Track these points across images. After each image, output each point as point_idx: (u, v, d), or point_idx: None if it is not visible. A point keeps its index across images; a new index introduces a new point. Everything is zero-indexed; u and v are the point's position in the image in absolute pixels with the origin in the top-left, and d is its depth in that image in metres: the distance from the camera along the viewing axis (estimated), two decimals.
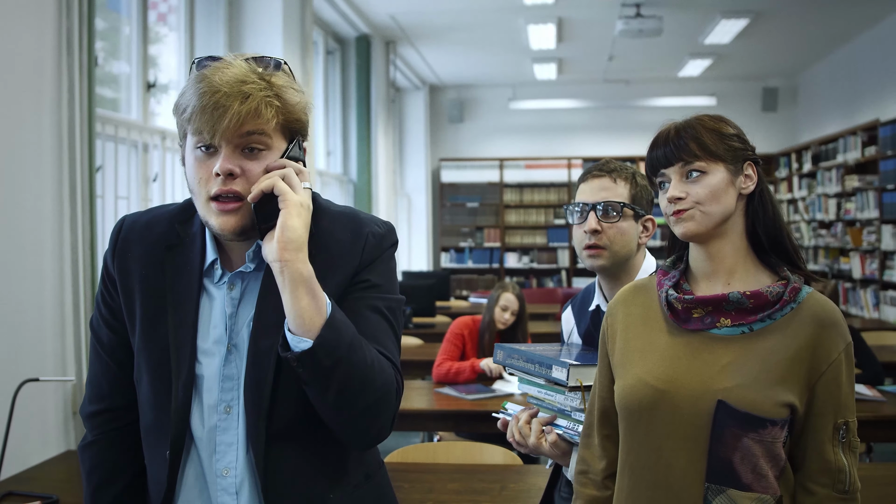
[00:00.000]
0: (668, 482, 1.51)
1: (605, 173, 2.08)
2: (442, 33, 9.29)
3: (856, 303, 8.85)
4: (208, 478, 1.49)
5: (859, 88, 9.52)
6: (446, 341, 4.50)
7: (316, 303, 1.36)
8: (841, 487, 1.50)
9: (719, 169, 1.54)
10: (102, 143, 4.25)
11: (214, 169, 1.39)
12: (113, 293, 1.55)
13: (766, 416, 1.46)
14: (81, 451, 1.60)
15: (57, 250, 3.55)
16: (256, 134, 1.40)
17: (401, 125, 11.80)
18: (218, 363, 1.48)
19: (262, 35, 6.09)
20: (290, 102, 1.44)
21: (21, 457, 2.92)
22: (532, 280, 12.16)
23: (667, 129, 1.59)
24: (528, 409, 2.00)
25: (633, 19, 7.73)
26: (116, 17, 4.92)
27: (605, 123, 12.28)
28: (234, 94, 1.37)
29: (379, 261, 1.53)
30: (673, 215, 1.55)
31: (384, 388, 1.43)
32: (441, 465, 2.94)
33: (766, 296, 1.51)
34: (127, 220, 1.59)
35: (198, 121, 1.38)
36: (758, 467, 1.48)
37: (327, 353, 1.34)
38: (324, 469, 1.51)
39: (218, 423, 1.48)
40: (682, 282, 1.61)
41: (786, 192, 10.99)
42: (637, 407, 1.55)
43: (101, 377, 1.58)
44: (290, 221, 1.36)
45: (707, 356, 1.52)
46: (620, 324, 1.66)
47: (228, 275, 1.51)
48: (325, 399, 1.39)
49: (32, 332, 3.41)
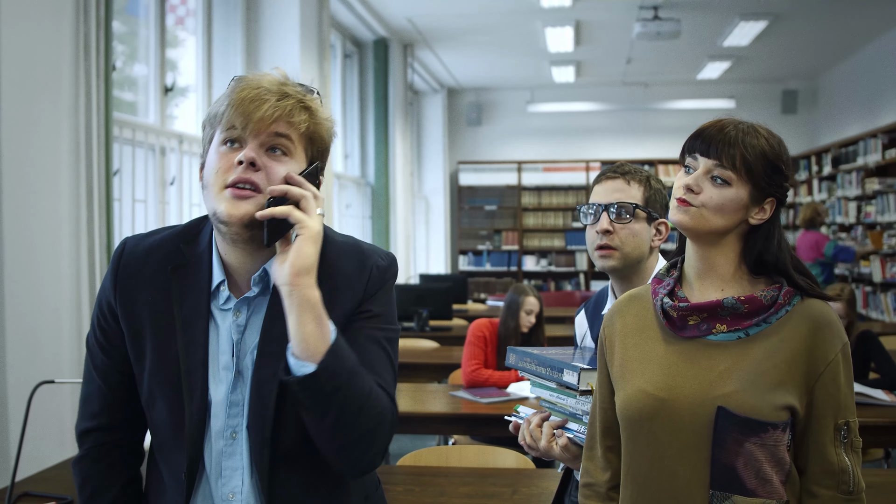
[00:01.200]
0: (673, 491, 1.51)
1: (619, 175, 2.08)
2: (459, 36, 9.30)
3: (876, 307, 8.77)
4: (216, 501, 1.51)
5: (880, 90, 9.44)
6: (471, 345, 4.44)
7: (321, 329, 1.38)
8: (845, 488, 1.49)
9: (743, 189, 1.51)
10: (120, 146, 4.28)
11: (238, 157, 1.41)
12: (110, 319, 1.55)
13: (766, 419, 1.46)
14: (73, 467, 1.62)
15: (74, 253, 3.58)
16: (284, 138, 1.44)
17: (419, 128, 11.81)
18: (225, 389, 1.50)
19: (280, 38, 6.11)
20: (321, 116, 1.48)
21: (37, 458, 2.94)
22: (550, 283, 12.13)
23: (727, 125, 1.54)
24: (540, 412, 2.00)
25: (650, 22, 7.71)
26: (134, 21, 4.96)
27: (624, 126, 12.24)
28: (274, 91, 1.42)
29: (381, 292, 1.55)
30: (677, 200, 1.54)
31: (379, 418, 1.44)
32: (453, 468, 2.94)
33: (761, 300, 1.51)
34: (128, 244, 1.59)
35: (231, 115, 1.42)
36: (761, 472, 1.47)
37: (329, 379, 1.36)
38: (325, 492, 1.54)
39: (224, 448, 1.50)
40: (678, 288, 1.61)
41: (805, 195, 10.92)
42: (638, 417, 1.55)
43: (94, 397, 1.59)
44: (306, 248, 1.38)
45: (705, 363, 1.52)
46: (618, 334, 1.65)
47: (234, 300, 1.51)
48: (322, 425, 1.40)
49: (49, 334, 3.44)
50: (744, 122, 1.56)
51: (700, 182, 1.52)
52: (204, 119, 1.49)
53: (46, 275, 3.42)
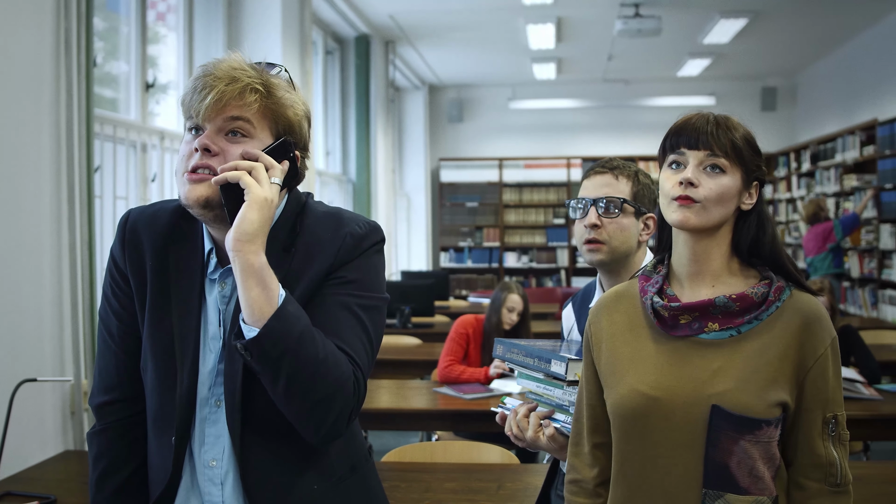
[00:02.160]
0: (665, 489, 1.51)
1: (607, 170, 2.11)
2: (441, 33, 9.30)
3: (854, 302, 8.86)
4: (198, 468, 1.55)
5: (858, 88, 9.53)
6: (451, 341, 4.46)
7: (266, 293, 1.39)
8: (833, 481, 1.50)
9: (736, 175, 1.52)
10: (101, 143, 4.25)
11: (194, 144, 1.46)
12: (122, 284, 1.60)
13: (760, 417, 1.46)
14: (90, 438, 1.64)
15: (55, 250, 3.55)
16: (240, 120, 1.47)
17: (400, 125, 11.80)
18: (214, 358, 1.54)
19: (262, 35, 6.09)
20: (277, 96, 1.50)
21: (19, 457, 2.93)
22: (531, 279, 12.17)
23: (704, 115, 1.55)
24: (527, 403, 2.01)
25: (631, 19, 7.74)
26: (115, 17, 4.93)
27: (605, 123, 12.29)
28: (224, 77, 1.45)
29: (358, 259, 1.54)
30: (677, 199, 1.51)
31: (337, 384, 1.43)
32: (438, 464, 2.95)
33: (752, 297, 1.51)
34: (133, 212, 1.64)
35: (188, 103, 1.47)
36: (755, 470, 1.47)
37: (273, 344, 1.37)
38: (305, 460, 1.54)
39: (208, 415, 1.53)
40: (666, 286, 1.60)
41: (784, 192, 11.00)
42: (631, 416, 1.54)
43: (111, 367, 1.62)
44: (249, 214, 1.40)
45: (697, 361, 1.52)
46: (605, 332, 1.64)
47: (220, 270, 1.55)
48: (276, 389, 1.42)
49: (31, 332, 3.41)
50: (713, 113, 1.56)
51: (697, 175, 1.50)
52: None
53: (28, 272, 3.40)
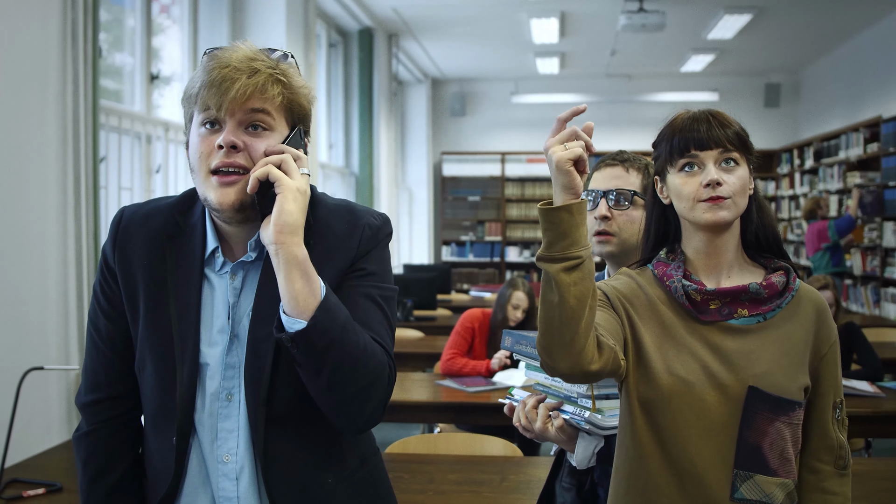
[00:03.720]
0: (695, 470, 1.53)
1: (618, 163, 2.12)
2: (444, 27, 9.29)
3: (856, 299, 8.86)
4: (209, 464, 1.52)
5: (862, 85, 9.52)
6: (456, 334, 4.48)
7: (310, 285, 1.38)
8: (841, 463, 1.57)
9: (746, 165, 1.56)
10: (106, 134, 4.26)
11: (217, 141, 1.42)
12: (112, 284, 1.56)
13: (794, 398, 1.52)
14: (77, 441, 1.61)
15: (61, 240, 3.57)
16: (261, 112, 1.44)
17: (403, 118, 11.80)
18: (220, 352, 1.51)
19: (265, 27, 6.10)
20: (296, 85, 1.48)
21: (25, 445, 2.94)
22: (533, 274, 12.16)
23: (698, 114, 1.57)
24: (535, 394, 2.01)
25: (635, 14, 7.73)
26: (120, 10, 4.93)
27: (607, 118, 12.25)
28: (243, 68, 1.41)
29: (375, 251, 1.55)
30: (708, 200, 1.52)
31: (376, 373, 1.45)
32: (441, 456, 2.96)
33: (777, 286, 1.56)
34: (126, 211, 1.60)
35: (205, 95, 1.42)
36: (785, 451, 1.52)
37: (321, 335, 1.36)
38: (321, 454, 1.54)
39: (219, 410, 1.51)
40: (688, 272, 1.61)
41: (787, 189, 10.99)
42: (666, 398, 1.54)
43: (99, 367, 1.59)
44: (287, 206, 1.38)
45: (730, 345, 1.55)
46: (634, 307, 1.61)
47: (230, 264, 1.53)
48: (318, 381, 1.41)
49: (36, 321, 3.43)
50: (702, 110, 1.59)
51: (719, 174, 1.53)
52: (182, 96, 1.50)
53: (34, 262, 3.41)
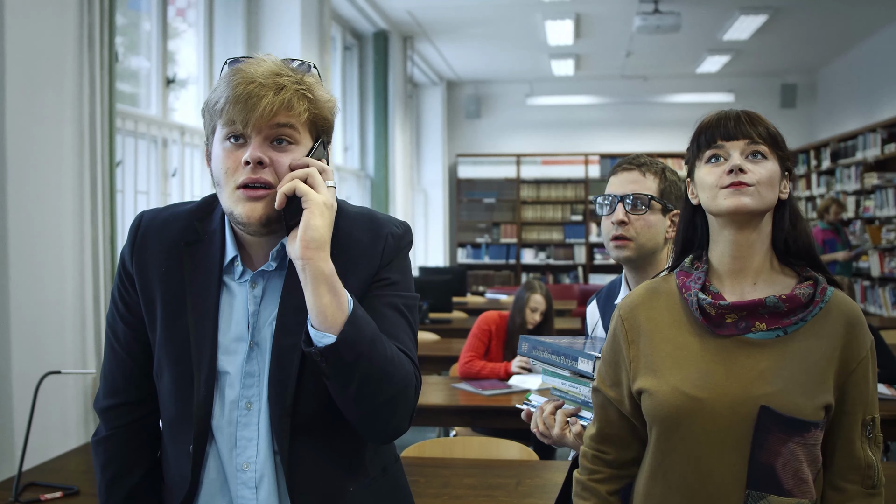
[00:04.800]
0: (707, 490, 1.49)
1: (634, 167, 2.11)
2: (459, 29, 9.29)
3: (874, 301, 8.80)
4: (228, 472, 1.51)
5: (879, 85, 9.45)
6: (473, 337, 4.47)
7: (337, 299, 1.38)
8: (870, 483, 1.50)
9: (775, 162, 1.52)
10: (122, 138, 4.29)
11: (244, 157, 1.41)
12: (130, 289, 1.56)
13: (809, 419, 1.45)
14: (95, 446, 1.61)
15: (77, 244, 3.59)
16: (287, 127, 1.43)
17: (418, 121, 11.81)
18: (240, 360, 1.50)
19: (281, 30, 6.11)
20: (321, 100, 1.47)
21: (42, 448, 2.96)
22: (548, 276, 12.15)
23: (733, 110, 1.55)
24: (553, 400, 2.01)
25: (650, 15, 7.70)
26: (136, 14, 4.96)
27: (623, 120, 12.25)
28: (269, 84, 1.40)
29: (397, 259, 1.55)
30: (730, 186, 1.49)
31: (403, 383, 1.45)
32: (457, 459, 2.95)
33: (800, 298, 1.50)
34: (145, 216, 1.60)
35: (231, 111, 1.41)
36: (800, 472, 1.46)
37: (349, 348, 1.37)
38: (344, 463, 1.54)
39: (239, 418, 1.50)
40: (708, 283, 1.58)
41: (804, 190, 10.94)
42: (676, 415, 1.51)
43: (117, 371, 1.59)
44: (313, 221, 1.38)
45: (744, 361, 1.50)
46: (644, 327, 1.60)
47: (250, 273, 1.52)
48: (347, 393, 1.41)
49: (53, 325, 3.45)
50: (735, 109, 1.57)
51: (744, 163, 1.50)
52: (203, 105, 1.49)
53: (51, 266, 3.43)
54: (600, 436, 1.68)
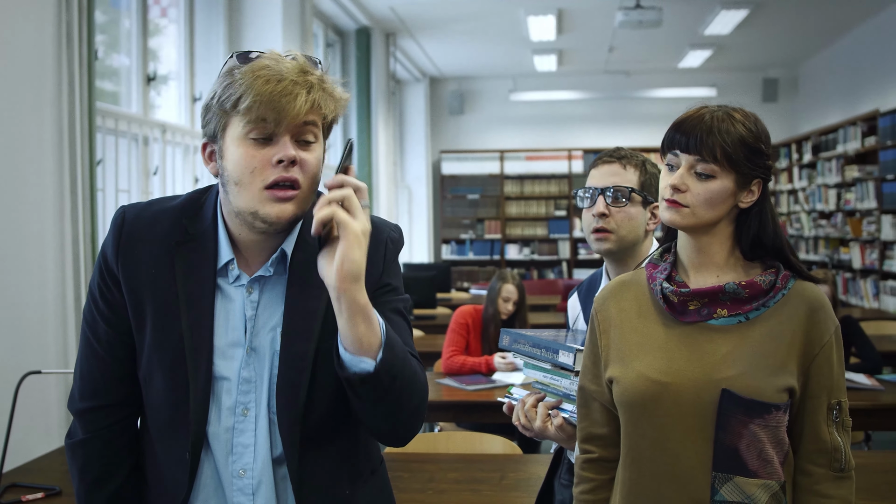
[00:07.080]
0: (675, 473, 1.53)
1: (615, 159, 2.12)
2: (442, 25, 9.28)
3: (856, 293, 8.86)
4: (223, 478, 1.48)
5: (859, 79, 9.51)
6: (452, 332, 4.50)
7: (372, 328, 1.36)
8: (837, 466, 1.53)
9: (728, 178, 1.52)
10: (103, 136, 4.26)
11: (276, 156, 1.37)
12: (113, 289, 1.50)
13: (769, 401, 1.49)
14: (72, 449, 1.55)
15: (58, 243, 3.56)
16: (312, 125, 1.41)
17: (401, 117, 11.80)
18: (237, 366, 1.47)
19: (262, 27, 6.09)
20: (343, 99, 1.45)
21: (23, 449, 2.94)
22: (533, 271, 12.17)
23: (703, 115, 1.54)
24: (535, 393, 2.01)
25: (632, 10, 7.71)
26: (116, 11, 4.93)
27: (606, 114, 12.28)
28: (301, 82, 1.37)
29: (393, 263, 1.56)
30: (666, 201, 1.55)
31: (424, 391, 1.48)
32: (441, 454, 2.96)
33: (760, 285, 1.54)
34: (128, 212, 1.53)
35: (260, 109, 1.35)
36: (763, 453, 1.50)
37: (387, 371, 1.36)
38: (344, 467, 1.54)
39: (235, 424, 1.47)
40: (674, 273, 1.62)
41: (786, 183, 11.00)
42: (641, 401, 1.55)
43: (96, 372, 1.53)
44: (351, 254, 1.32)
45: (706, 346, 1.54)
46: (614, 319, 1.65)
47: (246, 277, 1.49)
48: (377, 410, 1.41)
49: (34, 324, 3.42)
50: (720, 109, 1.55)
51: (685, 179, 1.53)
52: (208, 101, 1.42)
53: (31, 265, 3.41)
54: (585, 435, 1.71)
